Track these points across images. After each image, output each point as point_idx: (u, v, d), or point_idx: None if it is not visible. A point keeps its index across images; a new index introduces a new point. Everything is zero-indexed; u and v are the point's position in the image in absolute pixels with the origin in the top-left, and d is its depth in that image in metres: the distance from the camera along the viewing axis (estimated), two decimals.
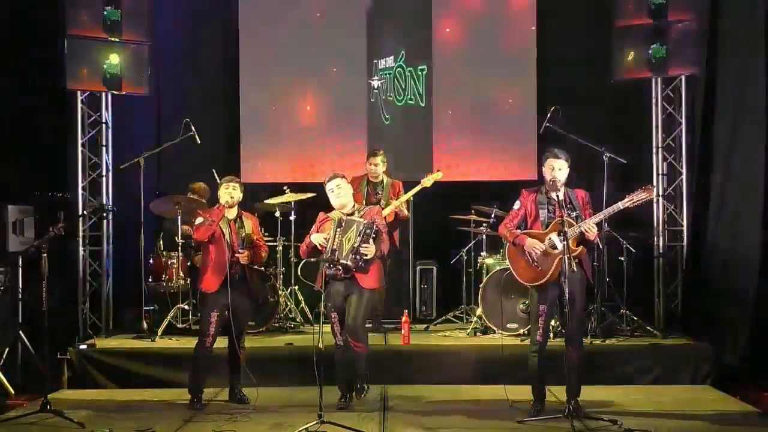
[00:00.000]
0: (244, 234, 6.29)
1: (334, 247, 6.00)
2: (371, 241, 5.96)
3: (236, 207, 6.34)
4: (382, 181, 7.97)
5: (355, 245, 5.94)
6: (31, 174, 8.16)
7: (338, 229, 6.04)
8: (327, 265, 6.04)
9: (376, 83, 9.27)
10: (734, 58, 7.64)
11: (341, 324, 6.13)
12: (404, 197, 7.80)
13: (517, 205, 5.95)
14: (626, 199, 5.71)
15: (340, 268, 6.01)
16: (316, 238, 6.14)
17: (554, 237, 5.72)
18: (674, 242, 8.26)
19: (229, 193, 6.27)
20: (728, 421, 5.84)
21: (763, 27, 7.32)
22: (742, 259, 7.35)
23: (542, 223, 5.83)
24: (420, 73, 9.21)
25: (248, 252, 6.25)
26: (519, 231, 5.89)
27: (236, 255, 6.18)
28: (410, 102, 9.27)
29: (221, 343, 6.34)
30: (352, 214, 6.18)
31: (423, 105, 9.24)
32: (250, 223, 6.39)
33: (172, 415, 6.02)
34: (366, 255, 5.95)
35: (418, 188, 7.81)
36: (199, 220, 6.30)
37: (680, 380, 6.96)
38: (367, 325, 6.43)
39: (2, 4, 8.15)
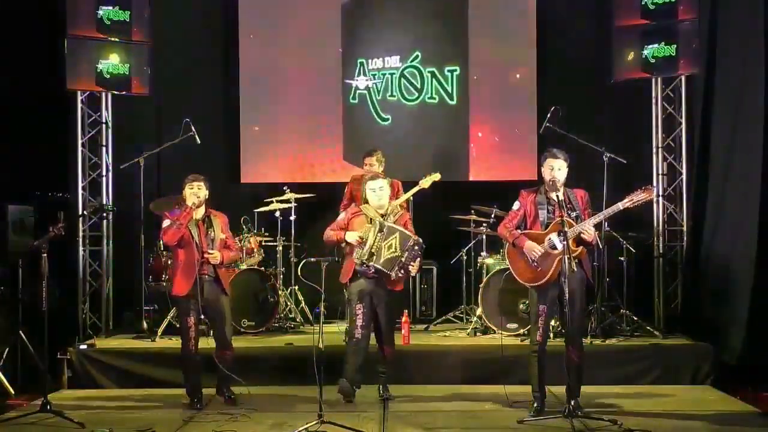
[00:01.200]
0: (213, 234, 6.16)
1: (373, 250, 6.10)
2: (418, 259, 6.10)
3: (204, 206, 6.20)
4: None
5: (402, 260, 6.07)
6: (31, 174, 8.16)
7: (379, 234, 6.13)
8: (358, 262, 6.12)
9: (363, 83, 9.22)
10: (734, 58, 7.63)
11: (364, 317, 6.20)
12: (403, 198, 7.79)
13: (516, 205, 5.95)
14: (626, 200, 5.71)
15: (373, 269, 6.11)
16: (351, 236, 6.20)
17: (554, 237, 5.72)
18: (674, 242, 8.25)
19: (194, 193, 6.10)
20: (728, 421, 5.83)
21: (762, 27, 7.32)
22: (741, 258, 7.35)
23: (542, 223, 5.83)
24: (449, 74, 9.16)
25: (218, 253, 6.11)
26: (518, 232, 5.89)
27: (205, 255, 6.06)
28: (431, 100, 9.19)
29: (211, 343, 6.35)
30: (385, 215, 6.27)
31: (454, 102, 9.17)
32: (218, 222, 6.25)
33: (172, 415, 6.02)
34: (411, 273, 6.13)
35: (416, 189, 7.80)
36: (166, 222, 6.10)
37: (680, 380, 6.95)
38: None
39: (2, 3, 8.15)
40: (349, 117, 9.29)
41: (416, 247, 6.11)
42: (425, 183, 7.82)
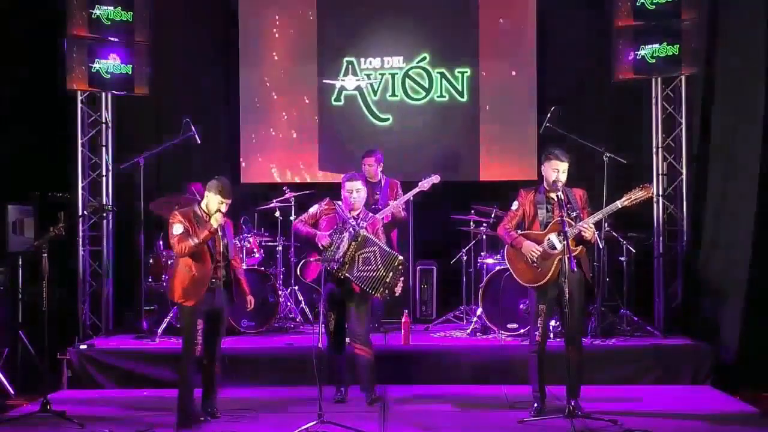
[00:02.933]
0: (225, 240, 5.85)
1: (346, 260, 5.99)
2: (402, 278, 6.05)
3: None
4: (380, 180, 7.96)
5: (387, 281, 5.99)
6: (31, 174, 8.17)
7: (353, 243, 6.02)
8: (326, 265, 6.03)
9: (352, 83, 9.18)
10: (734, 58, 7.63)
11: (335, 321, 6.19)
12: (402, 199, 7.79)
13: (515, 205, 5.94)
14: (624, 198, 5.72)
15: (343, 276, 6.02)
16: (323, 239, 6.07)
17: (553, 237, 5.72)
18: (674, 242, 8.25)
19: (222, 210, 5.72)
20: (728, 421, 5.85)
21: (763, 27, 7.32)
22: (740, 258, 7.35)
23: (541, 223, 5.82)
24: (459, 74, 9.14)
25: (250, 297, 5.98)
26: (517, 232, 5.88)
27: (248, 306, 5.98)
28: (440, 98, 9.16)
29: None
30: (357, 217, 6.17)
31: (465, 99, 9.14)
32: (230, 228, 5.99)
33: (172, 415, 6.01)
34: (396, 293, 6.08)
35: (415, 191, 7.80)
36: (178, 229, 5.66)
37: (680, 380, 6.95)
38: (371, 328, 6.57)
39: (2, 3, 8.15)
40: (328, 120, 9.21)
41: (401, 267, 6.05)
42: (425, 185, 7.82)
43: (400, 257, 6.08)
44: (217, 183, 5.75)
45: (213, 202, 5.73)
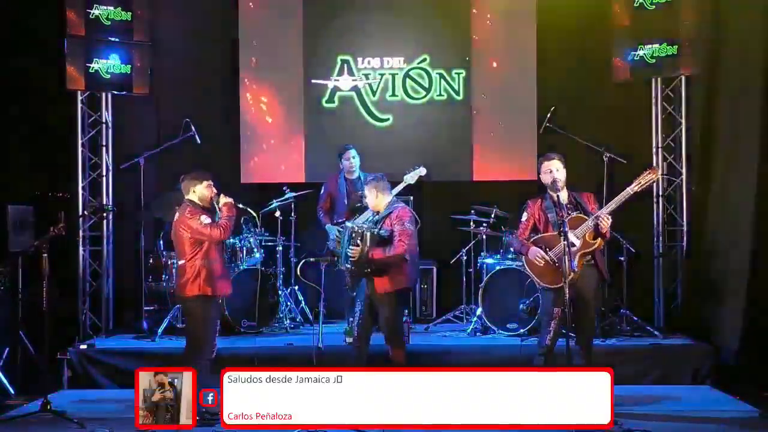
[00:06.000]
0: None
1: (337, 253, 6.17)
2: (359, 241, 6.00)
3: None
4: (359, 177, 7.91)
5: (367, 250, 6.02)
6: (31, 174, 8.17)
7: (344, 238, 6.16)
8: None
9: (347, 83, 9.13)
10: (734, 58, 7.63)
11: (361, 316, 6.15)
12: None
13: (524, 216, 5.95)
14: (634, 184, 5.71)
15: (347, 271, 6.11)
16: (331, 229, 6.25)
17: (570, 235, 5.70)
18: (674, 242, 8.25)
19: (213, 188, 5.97)
20: (728, 421, 5.85)
21: (763, 26, 7.32)
22: (741, 258, 7.35)
23: (553, 225, 5.81)
24: (456, 75, 9.13)
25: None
26: (531, 239, 5.86)
27: None
28: (439, 97, 9.11)
29: None
30: (377, 213, 6.28)
31: (460, 98, 9.10)
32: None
33: None
34: (352, 258, 6.03)
35: (401, 186, 7.77)
36: (205, 219, 5.82)
37: (680, 380, 6.95)
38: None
39: (2, 4, 8.15)
40: (318, 123, 9.15)
41: (352, 234, 6.06)
42: (410, 179, 7.76)
43: (349, 224, 6.22)
44: (190, 175, 5.99)
45: (203, 190, 5.96)
